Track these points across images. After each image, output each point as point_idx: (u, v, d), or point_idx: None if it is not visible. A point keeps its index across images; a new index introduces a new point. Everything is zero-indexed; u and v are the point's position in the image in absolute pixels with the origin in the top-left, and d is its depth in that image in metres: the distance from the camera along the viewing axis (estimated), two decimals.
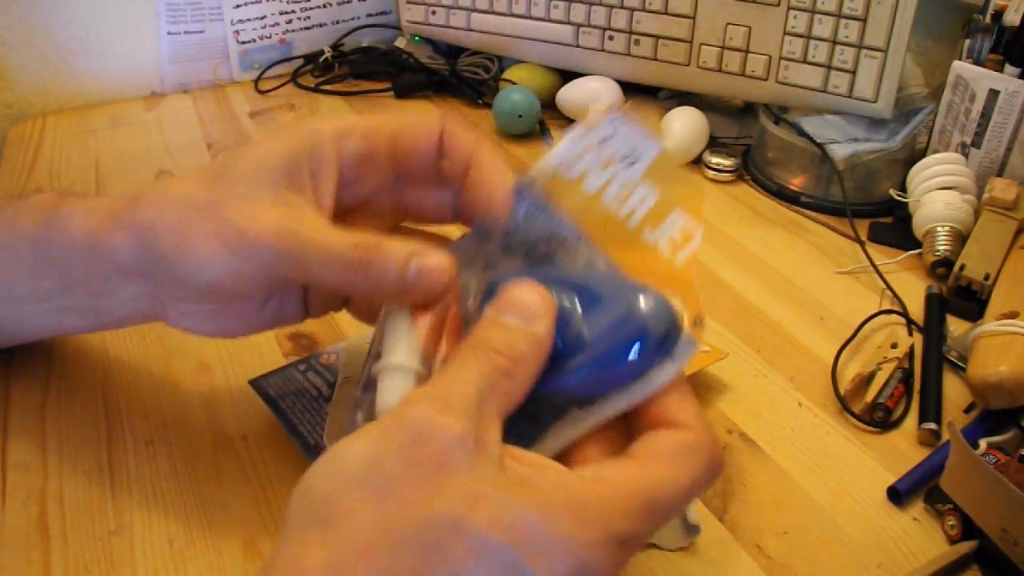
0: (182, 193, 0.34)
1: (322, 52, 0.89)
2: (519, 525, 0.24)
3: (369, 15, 0.94)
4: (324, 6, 0.91)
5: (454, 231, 0.38)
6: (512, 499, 0.24)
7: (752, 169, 0.72)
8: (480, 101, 0.83)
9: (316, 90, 0.87)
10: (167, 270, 0.34)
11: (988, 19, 0.62)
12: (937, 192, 0.60)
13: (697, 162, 0.72)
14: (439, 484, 0.24)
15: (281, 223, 0.32)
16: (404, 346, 0.31)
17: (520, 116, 0.76)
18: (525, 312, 0.29)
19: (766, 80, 0.71)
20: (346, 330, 0.50)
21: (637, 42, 0.75)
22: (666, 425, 0.29)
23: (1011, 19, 0.61)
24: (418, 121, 0.36)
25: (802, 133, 0.67)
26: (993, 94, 0.61)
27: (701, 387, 0.47)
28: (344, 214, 0.36)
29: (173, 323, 0.37)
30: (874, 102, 0.67)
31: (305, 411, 0.42)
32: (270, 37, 0.89)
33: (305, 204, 0.33)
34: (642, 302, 0.30)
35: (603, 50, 0.77)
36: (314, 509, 0.25)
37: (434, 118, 0.36)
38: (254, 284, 0.34)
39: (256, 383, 0.44)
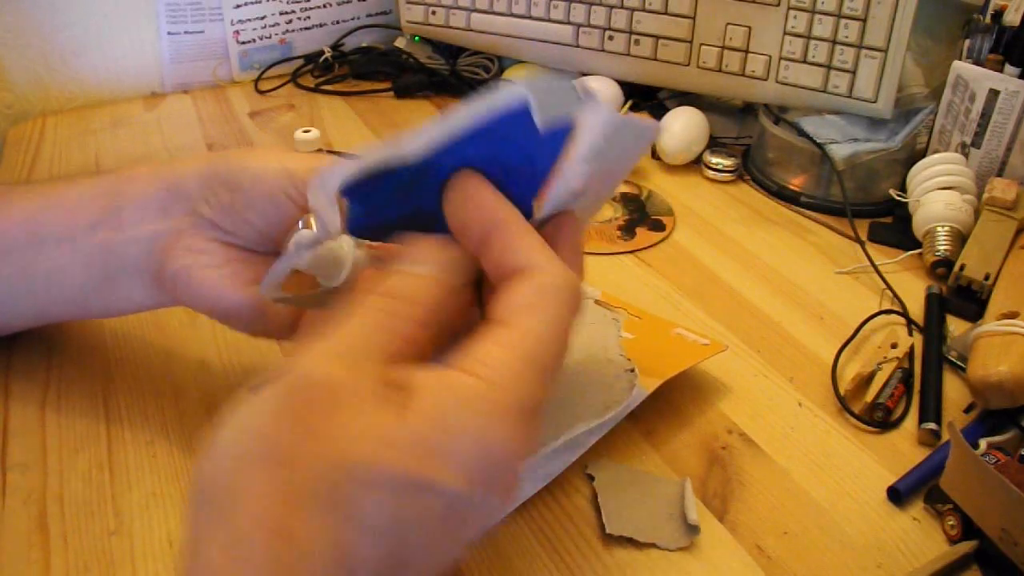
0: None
1: (322, 52, 0.89)
2: (412, 443, 0.23)
3: (369, 15, 0.94)
4: (324, 6, 0.91)
5: None
6: (399, 421, 0.24)
7: (752, 169, 0.72)
8: None
9: (316, 90, 0.87)
10: (222, 175, 0.39)
11: (988, 19, 0.62)
12: (937, 192, 0.60)
13: (697, 162, 0.72)
14: (326, 433, 0.23)
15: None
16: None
17: None
18: (411, 258, 0.29)
19: (766, 80, 0.71)
20: None
21: (637, 42, 0.75)
22: (515, 273, 0.28)
23: (1011, 19, 0.61)
24: None
25: (802, 133, 0.67)
26: (993, 94, 0.61)
27: (701, 387, 0.47)
28: None
29: (171, 267, 0.39)
30: (874, 102, 0.67)
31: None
32: (270, 37, 0.89)
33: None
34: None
35: (603, 50, 0.77)
36: (204, 494, 0.23)
37: None
38: (284, 210, 0.39)
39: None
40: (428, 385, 0.25)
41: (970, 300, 0.54)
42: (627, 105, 0.76)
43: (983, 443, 0.41)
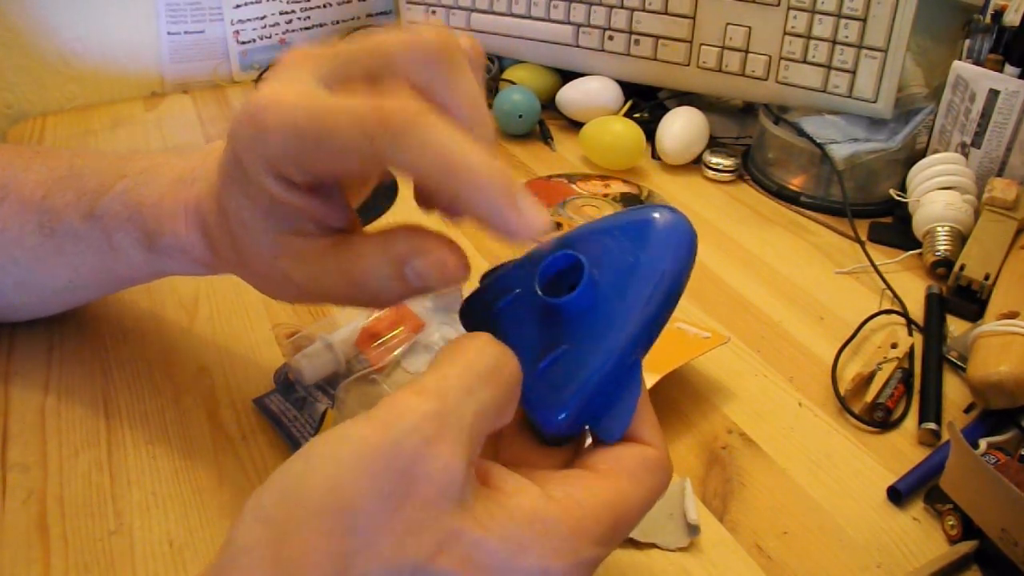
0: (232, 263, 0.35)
1: None
2: (489, 563, 0.23)
3: (369, 15, 0.94)
4: (324, 6, 0.91)
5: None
6: (485, 535, 0.23)
7: (752, 169, 0.72)
8: None
9: None
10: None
11: (988, 19, 0.62)
12: (937, 192, 0.60)
13: (697, 162, 0.72)
14: (416, 522, 0.23)
15: (294, 279, 0.32)
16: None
17: (520, 116, 0.76)
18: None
19: (766, 80, 0.71)
20: None
21: (637, 42, 0.75)
22: (628, 437, 0.29)
23: (1011, 19, 0.61)
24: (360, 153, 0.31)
25: (802, 133, 0.67)
26: (993, 94, 0.61)
27: (701, 387, 0.47)
28: None
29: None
30: (874, 102, 0.67)
31: (306, 426, 0.42)
32: (270, 37, 0.89)
33: (299, 241, 0.32)
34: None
35: (603, 50, 0.77)
36: (268, 535, 0.22)
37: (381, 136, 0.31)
38: None
39: (259, 401, 0.44)
40: (519, 499, 0.25)
41: (970, 300, 0.54)
42: (627, 105, 0.76)
43: (983, 443, 0.41)
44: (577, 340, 0.28)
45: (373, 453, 0.23)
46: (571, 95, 0.77)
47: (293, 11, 0.89)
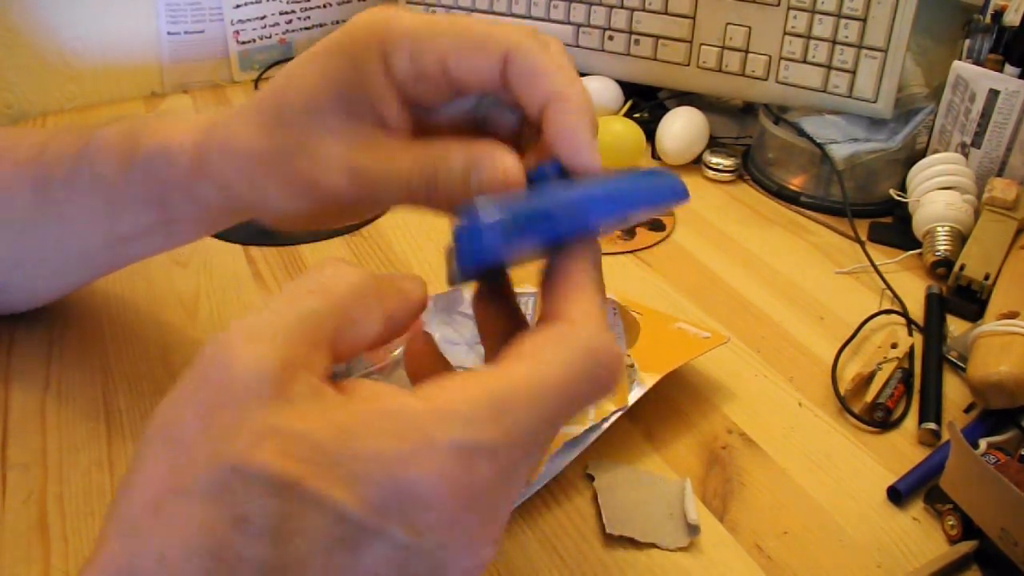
0: (246, 146, 0.35)
1: None
2: (313, 455, 0.21)
3: None
4: (324, 6, 0.91)
5: None
6: (308, 427, 0.22)
7: (752, 169, 0.72)
8: None
9: None
10: (250, 210, 0.37)
11: (988, 19, 0.62)
12: (937, 192, 0.60)
13: (697, 162, 0.72)
14: (228, 424, 0.22)
15: (351, 163, 0.32)
16: None
17: None
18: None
19: (766, 80, 0.71)
20: None
21: (637, 42, 0.75)
22: (546, 318, 0.26)
23: (1011, 19, 0.61)
24: (475, 45, 0.31)
25: (802, 133, 0.67)
26: (993, 94, 0.61)
27: (701, 387, 0.47)
28: (425, 128, 0.34)
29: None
30: (874, 102, 0.67)
31: None
32: (270, 37, 0.89)
33: (370, 130, 0.32)
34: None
35: (603, 50, 0.77)
36: (118, 494, 0.23)
37: (497, 41, 0.31)
38: (325, 215, 0.36)
39: None
40: (357, 395, 0.23)
41: (970, 300, 0.54)
42: (627, 105, 0.76)
43: (983, 443, 0.41)
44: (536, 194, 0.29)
45: (189, 372, 0.23)
46: None
47: (293, 11, 0.89)
